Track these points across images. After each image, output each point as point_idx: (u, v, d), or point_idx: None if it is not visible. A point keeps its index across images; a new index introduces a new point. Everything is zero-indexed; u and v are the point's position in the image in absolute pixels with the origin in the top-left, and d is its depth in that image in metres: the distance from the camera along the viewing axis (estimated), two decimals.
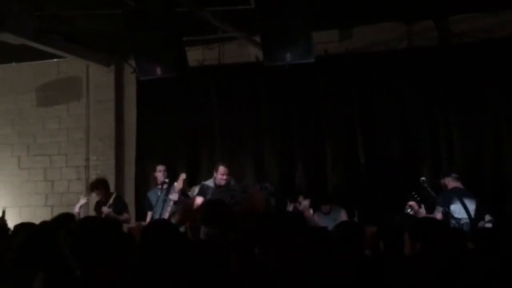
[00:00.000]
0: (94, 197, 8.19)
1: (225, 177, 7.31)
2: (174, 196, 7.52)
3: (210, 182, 7.47)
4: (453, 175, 6.98)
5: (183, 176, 7.61)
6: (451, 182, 6.93)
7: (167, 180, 7.84)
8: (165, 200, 7.69)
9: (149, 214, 7.88)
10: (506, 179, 7.80)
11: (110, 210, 7.66)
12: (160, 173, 7.99)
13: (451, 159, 8.07)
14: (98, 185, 7.91)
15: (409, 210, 6.45)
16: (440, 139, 8.19)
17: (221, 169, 7.35)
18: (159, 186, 7.92)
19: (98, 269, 2.72)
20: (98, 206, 7.91)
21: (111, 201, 7.80)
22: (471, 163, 7.93)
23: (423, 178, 6.85)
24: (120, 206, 7.90)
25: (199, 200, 7.13)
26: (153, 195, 7.96)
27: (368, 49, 8.56)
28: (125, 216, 7.90)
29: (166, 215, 7.50)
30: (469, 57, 8.00)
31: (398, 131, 8.39)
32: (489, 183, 7.83)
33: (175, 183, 7.59)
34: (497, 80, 7.92)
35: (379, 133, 8.49)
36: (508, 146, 7.88)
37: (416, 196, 6.59)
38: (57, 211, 8.88)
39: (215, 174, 7.41)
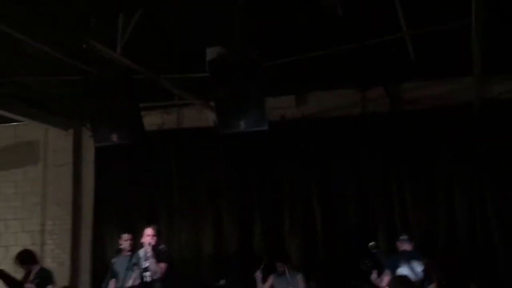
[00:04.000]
0: None
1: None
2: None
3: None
4: (401, 237, 7.11)
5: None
6: (400, 245, 7.07)
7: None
8: (128, 268, 7.48)
9: (112, 282, 7.64)
10: (458, 242, 7.94)
11: (32, 286, 7.03)
12: (126, 242, 7.72)
13: (406, 223, 8.19)
14: (16, 260, 7.25)
15: None
16: (394, 203, 8.33)
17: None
18: (128, 254, 7.68)
19: None
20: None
21: (32, 275, 7.15)
22: (424, 227, 8.07)
23: (371, 243, 6.91)
24: (44, 280, 7.20)
25: None
26: (123, 262, 7.44)
27: (324, 114, 8.77)
28: None
29: (129, 283, 7.31)
30: (421, 123, 8.26)
31: (353, 195, 8.51)
32: (442, 246, 7.93)
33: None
34: (448, 145, 8.16)
35: (336, 196, 8.59)
36: (460, 208, 8.05)
37: (368, 262, 6.68)
38: None
39: None
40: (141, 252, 7.16)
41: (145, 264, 6.99)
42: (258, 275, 7.39)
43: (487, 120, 8.00)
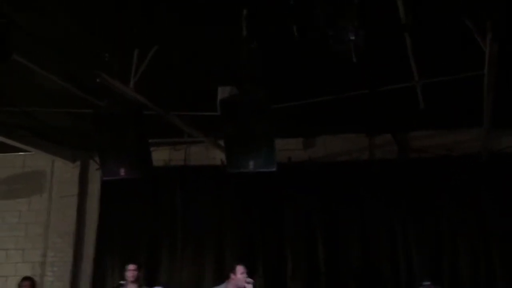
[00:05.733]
0: None
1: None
2: None
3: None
4: (424, 283, 7.16)
5: None
6: None
7: (122, 282, 7.68)
8: None
9: None
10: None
11: None
12: (129, 272, 7.69)
13: (410, 269, 8.17)
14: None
15: None
16: (399, 249, 8.32)
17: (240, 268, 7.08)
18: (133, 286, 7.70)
19: None
20: None
21: None
22: (428, 275, 7.97)
23: None
24: None
25: None
26: None
27: (331, 158, 8.81)
28: None
29: None
30: (427, 172, 8.30)
31: (358, 239, 8.51)
32: None
33: None
34: (452, 194, 8.20)
35: (340, 241, 8.57)
36: (464, 256, 8.07)
37: None
38: None
39: (233, 276, 7.10)
40: None
41: None
42: None
43: (494, 172, 8.03)
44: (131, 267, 7.74)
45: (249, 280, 6.93)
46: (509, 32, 4.85)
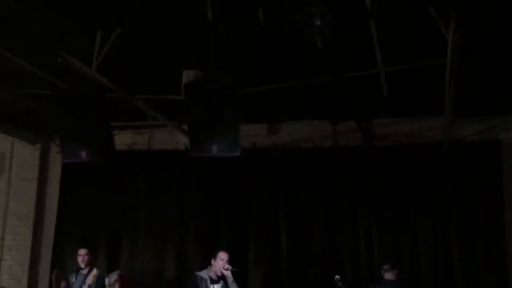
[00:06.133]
0: None
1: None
2: None
3: (204, 274, 6.92)
4: (384, 267, 7.40)
5: (94, 272, 7.40)
6: (384, 274, 7.35)
7: (82, 267, 7.62)
8: None
9: None
10: (421, 275, 8.09)
11: None
12: (80, 257, 7.69)
13: (371, 255, 8.29)
14: None
15: None
16: (361, 235, 8.39)
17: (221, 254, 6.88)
18: (84, 271, 7.66)
19: None
20: None
21: None
22: (389, 259, 8.10)
23: (337, 277, 6.89)
24: None
25: None
26: (78, 281, 7.65)
27: (295, 144, 8.83)
28: None
29: None
30: (390, 159, 8.36)
31: (321, 226, 8.55)
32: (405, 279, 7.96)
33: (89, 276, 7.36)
34: (415, 182, 8.28)
35: (303, 227, 8.61)
36: (424, 243, 8.19)
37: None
38: None
39: (213, 262, 6.91)
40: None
41: None
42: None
43: (454, 160, 8.15)
44: (82, 251, 7.70)
45: (227, 266, 6.81)
46: (472, 21, 4.90)
